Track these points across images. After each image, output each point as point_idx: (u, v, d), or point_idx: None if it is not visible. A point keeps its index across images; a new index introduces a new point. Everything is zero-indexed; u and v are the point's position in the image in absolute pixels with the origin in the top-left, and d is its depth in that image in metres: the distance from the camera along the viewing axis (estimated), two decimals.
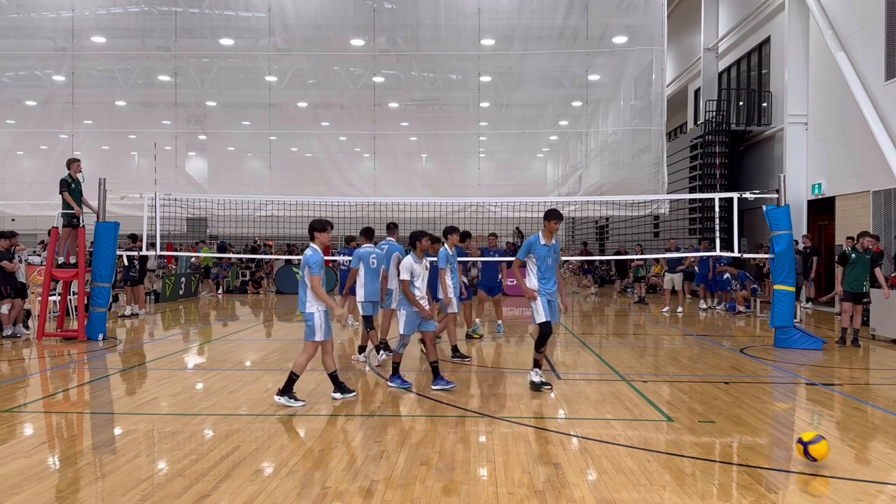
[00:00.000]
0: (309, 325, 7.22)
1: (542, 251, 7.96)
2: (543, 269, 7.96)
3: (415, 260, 8.06)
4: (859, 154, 16.49)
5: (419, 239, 8.21)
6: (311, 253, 7.27)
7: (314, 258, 7.19)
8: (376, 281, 9.82)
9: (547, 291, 7.91)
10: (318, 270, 7.18)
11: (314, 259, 7.18)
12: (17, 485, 4.89)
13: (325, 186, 22.97)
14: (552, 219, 8.04)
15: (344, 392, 7.56)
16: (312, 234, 7.44)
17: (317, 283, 7.16)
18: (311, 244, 7.41)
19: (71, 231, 12.21)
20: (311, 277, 7.15)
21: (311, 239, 7.48)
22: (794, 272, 11.62)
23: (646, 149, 22.58)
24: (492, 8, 22.91)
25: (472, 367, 9.71)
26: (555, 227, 8.04)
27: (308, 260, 7.19)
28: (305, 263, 7.20)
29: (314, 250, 7.29)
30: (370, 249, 9.98)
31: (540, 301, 7.85)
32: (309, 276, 7.17)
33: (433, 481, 5.00)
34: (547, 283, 7.96)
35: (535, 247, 7.97)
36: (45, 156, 23.39)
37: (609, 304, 20.74)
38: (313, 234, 7.44)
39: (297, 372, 7.26)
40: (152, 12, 23.65)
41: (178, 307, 18.73)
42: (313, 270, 7.15)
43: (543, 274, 7.96)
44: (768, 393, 8.14)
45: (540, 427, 6.47)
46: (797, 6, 18.98)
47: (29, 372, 9.30)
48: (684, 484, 4.99)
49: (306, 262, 7.19)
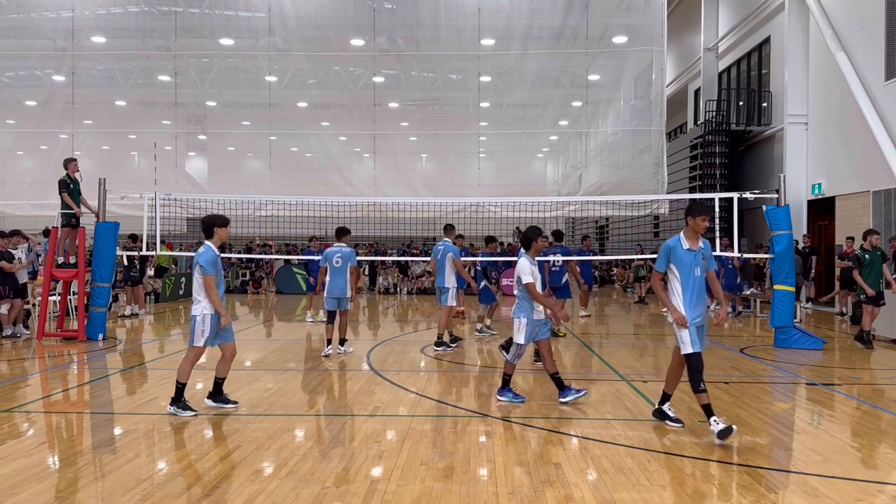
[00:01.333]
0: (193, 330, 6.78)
1: (687, 258, 6.23)
2: (689, 284, 6.21)
3: (531, 261, 7.26)
4: (859, 154, 16.49)
5: (535, 238, 7.34)
6: (202, 250, 6.75)
7: (206, 256, 6.70)
8: (339, 279, 10.32)
9: (695, 316, 6.19)
10: (211, 269, 6.69)
11: (206, 257, 6.69)
12: (17, 485, 4.88)
13: (325, 186, 22.98)
14: (698, 214, 6.27)
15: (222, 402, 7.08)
16: (211, 229, 6.87)
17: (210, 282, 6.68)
18: (208, 242, 6.86)
19: (70, 231, 12.21)
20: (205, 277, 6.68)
21: (207, 236, 6.91)
22: (794, 272, 11.62)
23: (646, 149, 22.59)
24: (492, 8, 22.91)
25: (472, 368, 9.70)
26: (702, 225, 6.29)
27: (197, 258, 6.71)
28: (196, 262, 6.71)
29: (208, 247, 6.78)
30: (335, 249, 10.48)
31: (689, 328, 6.17)
32: (201, 275, 6.69)
33: (433, 481, 5.00)
34: (693, 301, 6.22)
35: (675, 252, 6.26)
36: (45, 156, 23.39)
37: (609, 304, 20.74)
38: (212, 231, 6.88)
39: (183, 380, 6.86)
40: (152, 12, 23.65)
41: (178, 307, 18.73)
42: (206, 270, 6.66)
43: (689, 289, 6.22)
44: (768, 393, 8.15)
45: (540, 427, 6.46)
46: (797, 6, 18.98)
47: (29, 372, 9.30)
48: (684, 484, 4.99)
49: (196, 261, 6.71)
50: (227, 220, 7.00)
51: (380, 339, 12.59)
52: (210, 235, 6.88)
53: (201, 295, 6.73)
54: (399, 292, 23.68)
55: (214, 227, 6.86)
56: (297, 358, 10.62)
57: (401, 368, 9.54)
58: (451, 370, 9.53)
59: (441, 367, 9.74)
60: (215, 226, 6.87)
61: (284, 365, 9.86)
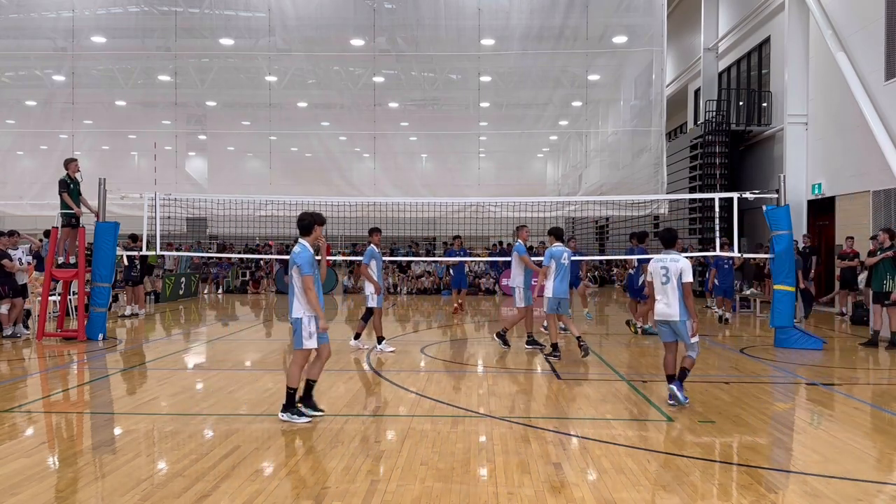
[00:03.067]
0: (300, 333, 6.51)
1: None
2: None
3: None
4: (859, 154, 16.48)
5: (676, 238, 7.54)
6: (299, 251, 6.51)
7: (304, 256, 6.47)
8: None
9: None
10: (309, 269, 6.44)
11: (304, 257, 6.46)
12: (17, 485, 4.89)
13: (325, 186, 22.98)
14: None
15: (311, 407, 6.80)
16: (311, 227, 6.64)
17: (309, 283, 6.43)
18: (302, 240, 6.64)
19: (70, 231, 12.21)
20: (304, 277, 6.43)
21: (305, 234, 6.66)
22: (794, 272, 11.62)
23: (645, 149, 22.59)
24: (492, 8, 22.91)
25: (472, 367, 9.70)
26: None
27: (297, 259, 6.46)
28: (293, 263, 6.48)
29: (304, 247, 6.58)
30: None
31: None
32: (300, 275, 6.45)
33: (433, 481, 5.00)
34: None
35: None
36: (46, 156, 23.39)
37: (609, 304, 20.73)
38: (311, 228, 6.65)
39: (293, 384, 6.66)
40: (152, 12, 23.65)
41: (178, 307, 18.73)
42: (304, 270, 6.44)
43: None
44: (768, 393, 8.14)
45: (540, 427, 6.46)
46: (797, 6, 18.98)
47: (29, 372, 9.30)
48: (684, 484, 4.99)
49: (293, 262, 6.47)
50: (325, 219, 6.80)
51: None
52: (308, 233, 6.64)
53: (301, 296, 6.50)
54: (399, 292, 23.68)
55: (314, 225, 6.64)
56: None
57: (401, 368, 9.54)
58: (451, 370, 9.53)
59: (441, 367, 9.74)
60: (315, 223, 6.65)
61: (285, 365, 9.86)
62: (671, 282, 7.12)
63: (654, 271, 7.28)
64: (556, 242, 10.34)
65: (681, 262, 7.15)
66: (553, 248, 10.29)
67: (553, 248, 10.28)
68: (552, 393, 7.95)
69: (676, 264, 7.13)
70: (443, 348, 11.37)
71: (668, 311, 7.14)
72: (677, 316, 7.11)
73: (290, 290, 6.55)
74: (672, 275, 7.10)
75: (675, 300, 7.10)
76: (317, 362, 6.82)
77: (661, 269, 7.21)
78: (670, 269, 7.13)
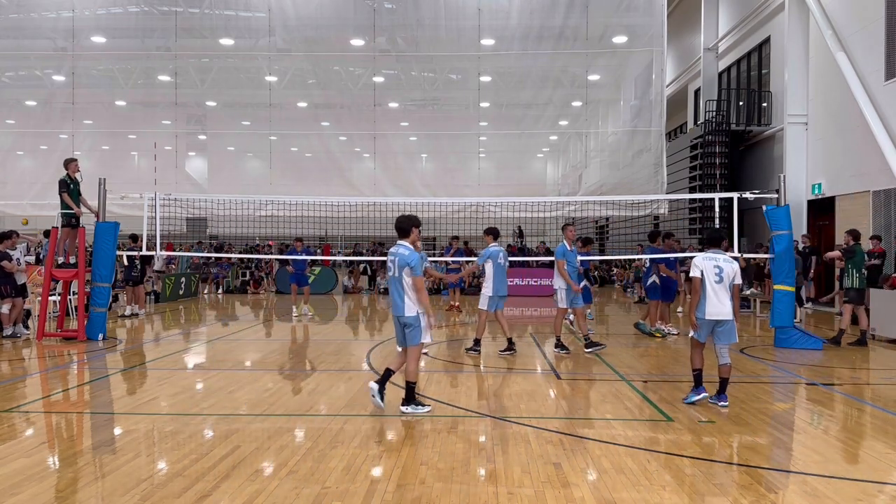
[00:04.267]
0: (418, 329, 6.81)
1: None
2: None
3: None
4: (859, 154, 16.49)
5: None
6: (407, 252, 6.82)
7: (414, 257, 6.78)
8: None
9: None
10: (420, 270, 6.80)
11: (415, 258, 6.77)
12: (17, 485, 4.89)
13: (325, 186, 23.00)
14: None
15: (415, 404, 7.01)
16: (409, 229, 6.92)
17: (420, 283, 6.78)
18: (404, 241, 6.92)
19: (70, 231, 12.21)
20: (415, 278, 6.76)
21: (404, 236, 6.94)
22: (794, 272, 11.63)
23: (645, 149, 22.60)
24: (492, 8, 22.92)
25: (473, 367, 9.70)
26: None
27: (408, 259, 6.75)
28: (405, 264, 6.74)
29: (410, 248, 6.86)
30: None
31: None
32: (411, 276, 6.76)
33: (433, 481, 5.00)
34: None
35: None
36: (46, 156, 23.41)
37: (609, 304, 20.73)
38: (410, 230, 6.93)
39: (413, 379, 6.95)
40: (152, 12, 23.66)
41: (178, 307, 18.73)
42: (416, 271, 6.75)
43: None
44: (768, 393, 8.14)
45: (540, 427, 6.46)
46: (797, 6, 18.98)
47: (29, 372, 9.30)
48: (684, 484, 4.99)
49: (405, 263, 6.74)
50: (421, 221, 7.10)
51: (380, 339, 12.59)
52: (407, 235, 6.91)
53: (411, 295, 6.75)
54: None
55: (412, 227, 6.92)
56: (297, 358, 10.62)
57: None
58: (451, 370, 9.53)
59: (441, 367, 9.74)
60: (413, 226, 6.93)
61: (284, 365, 9.86)
62: (724, 282, 7.08)
63: (706, 269, 7.13)
64: (492, 242, 10.53)
65: (734, 263, 7.18)
66: (490, 248, 10.44)
67: (490, 248, 10.42)
68: (552, 393, 7.95)
69: (730, 265, 7.13)
70: (443, 348, 11.36)
71: (723, 310, 7.08)
72: (730, 315, 7.10)
73: (395, 289, 6.83)
74: (726, 276, 7.08)
75: (728, 301, 7.09)
76: (401, 356, 7.11)
77: (714, 268, 7.12)
78: (725, 270, 7.09)
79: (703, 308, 7.12)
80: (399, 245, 6.90)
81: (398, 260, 6.79)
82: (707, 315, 7.11)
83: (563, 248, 10.71)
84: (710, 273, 7.10)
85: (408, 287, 6.75)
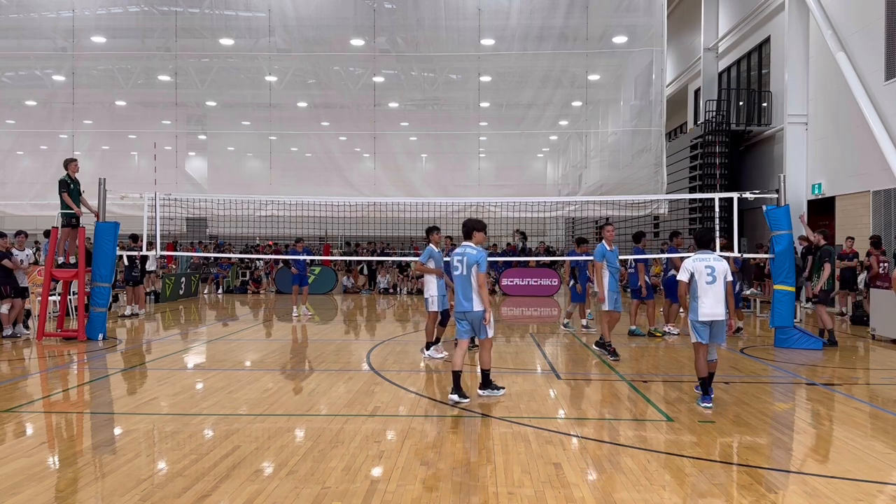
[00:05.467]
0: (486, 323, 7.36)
1: None
2: None
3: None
4: (859, 154, 16.49)
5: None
6: (474, 252, 7.32)
7: (482, 255, 7.30)
8: None
9: None
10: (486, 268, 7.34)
11: (482, 256, 7.30)
12: (17, 485, 4.89)
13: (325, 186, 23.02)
14: None
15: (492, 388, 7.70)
16: (471, 232, 7.51)
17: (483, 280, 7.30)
18: (469, 243, 7.47)
19: (70, 231, 12.21)
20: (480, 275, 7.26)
21: (467, 237, 7.54)
22: (794, 272, 11.63)
23: (645, 149, 22.60)
24: (492, 8, 22.93)
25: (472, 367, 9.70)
26: None
27: (478, 258, 7.26)
28: (474, 261, 7.24)
29: (477, 248, 7.40)
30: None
31: None
32: (478, 273, 7.25)
33: (433, 481, 5.00)
34: None
35: None
36: (46, 156, 23.43)
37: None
38: (471, 233, 7.51)
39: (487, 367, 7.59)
40: (152, 12, 23.68)
41: (178, 307, 18.73)
42: (482, 268, 7.28)
43: None
44: (768, 393, 8.14)
45: (540, 427, 6.46)
46: (797, 6, 18.98)
47: (29, 372, 9.30)
48: (684, 484, 4.99)
49: (475, 260, 7.24)
50: (485, 224, 7.67)
51: (380, 339, 12.59)
52: (471, 237, 7.52)
53: (480, 291, 7.29)
54: (399, 292, 23.68)
55: (474, 231, 7.52)
56: (297, 358, 10.62)
57: (401, 368, 9.54)
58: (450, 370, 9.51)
59: (441, 367, 9.74)
60: (475, 229, 7.53)
61: (284, 365, 9.86)
62: (718, 281, 7.14)
63: (697, 271, 7.21)
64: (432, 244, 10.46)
65: (724, 262, 7.29)
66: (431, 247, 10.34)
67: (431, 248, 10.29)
68: (552, 393, 7.95)
69: (721, 264, 7.23)
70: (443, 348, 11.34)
71: (718, 310, 7.13)
72: (724, 316, 7.18)
73: (464, 287, 7.36)
74: (718, 275, 7.15)
75: (723, 300, 7.16)
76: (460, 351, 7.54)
77: (706, 268, 7.18)
78: (717, 269, 7.17)
79: (698, 310, 7.18)
80: (465, 246, 7.47)
81: (467, 259, 7.31)
82: (703, 317, 7.17)
83: (603, 249, 10.08)
84: (702, 274, 7.17)
85: (474, 283, 7.27)
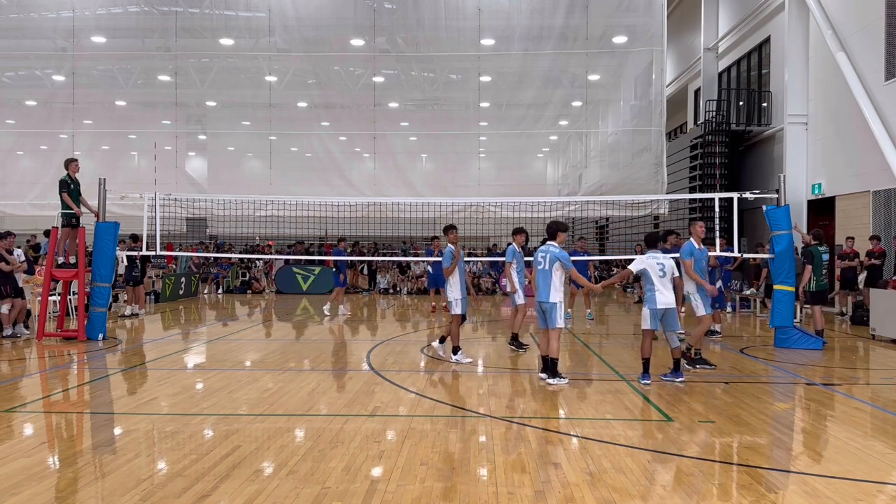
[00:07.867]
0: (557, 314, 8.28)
1: None
2: None
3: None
4: (859, 154, 16.49)
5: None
6: (557, 250, 8.35)
7: (563, 254, 8.33)
8: None
9: None
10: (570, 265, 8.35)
11: (566, 254, 8.36)
12: (17, 485, 4.89)
13: (325, 186, 23.03)
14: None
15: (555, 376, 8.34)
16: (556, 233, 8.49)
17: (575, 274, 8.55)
18: (553, 243, 8.43)
19: (70, 231, 12.21)
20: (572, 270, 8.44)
21: (552, 237, 8.50)
22: (794, 272, 11.63)
23: (645, 149, 22.61)
24: (492, 8, 22.93)
25: (472, 367, 9.70)
26: None
27: (559, 255, 8.29)
28: (557, 258, 8.25)
29: (559, 248, 8.38)
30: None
31: None
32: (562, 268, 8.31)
33: (433, 481, 5.00)
34: None
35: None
36: (46, 156, 23.44)
37: (609, 304, 20.73)
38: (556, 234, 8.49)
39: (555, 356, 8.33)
40: (152, 12, 23.68)
41: (178, 307, 18.73)
42: (567, 265, 8.30)
43: None
44: (768, 393, 8.14)
45: (540, 427, 6.46)
46: (797, 6, 18.98)
47: (29, 372, 9.30)
48: (684, 484, 4.99)
49: (557, 257, 8.26)
50: (568, 226, 8.73)
51: (380, 339, 12.60)
52: (554, 238, 8.50)
53: (558, 286, 8.30)
54: (399, 292, 23.67)
55: (558, 232, 8.50)
56: (297, 358, 10.62)
57: (401, 368, 9.54)
58: (450, 370, 9.53)
59: (441, 367, 9.74)
60: (559, 230, 8.51)
61: (284, 365, 9.86)
62: (667, 276, 8.34)
63: (649, 266, 8.32)
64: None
65: (671, 260, 8.49)
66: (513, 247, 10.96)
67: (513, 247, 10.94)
68: (552, 393, 7.95)
69: (669, 261, 8.42)
70: None
71: (669, 299, 8.31)
72: (674, 304, 8.41)
73: (544, 279, 8.30)
74: (668, 270, 8.35)
75: (671, 291, 8.38)
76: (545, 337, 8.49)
77: (657, 264, 8.33)
78: (665, 265, 8.35)
79: (654, 299, 8.30)
80: (549, 244, 8.47)
81: (549, 256, 8.35)
82: (658, 304, 8.29)
83: (691, 247, 9.27)
84: (654, 269, 8.30)
85: (555, 278, 8.24)
